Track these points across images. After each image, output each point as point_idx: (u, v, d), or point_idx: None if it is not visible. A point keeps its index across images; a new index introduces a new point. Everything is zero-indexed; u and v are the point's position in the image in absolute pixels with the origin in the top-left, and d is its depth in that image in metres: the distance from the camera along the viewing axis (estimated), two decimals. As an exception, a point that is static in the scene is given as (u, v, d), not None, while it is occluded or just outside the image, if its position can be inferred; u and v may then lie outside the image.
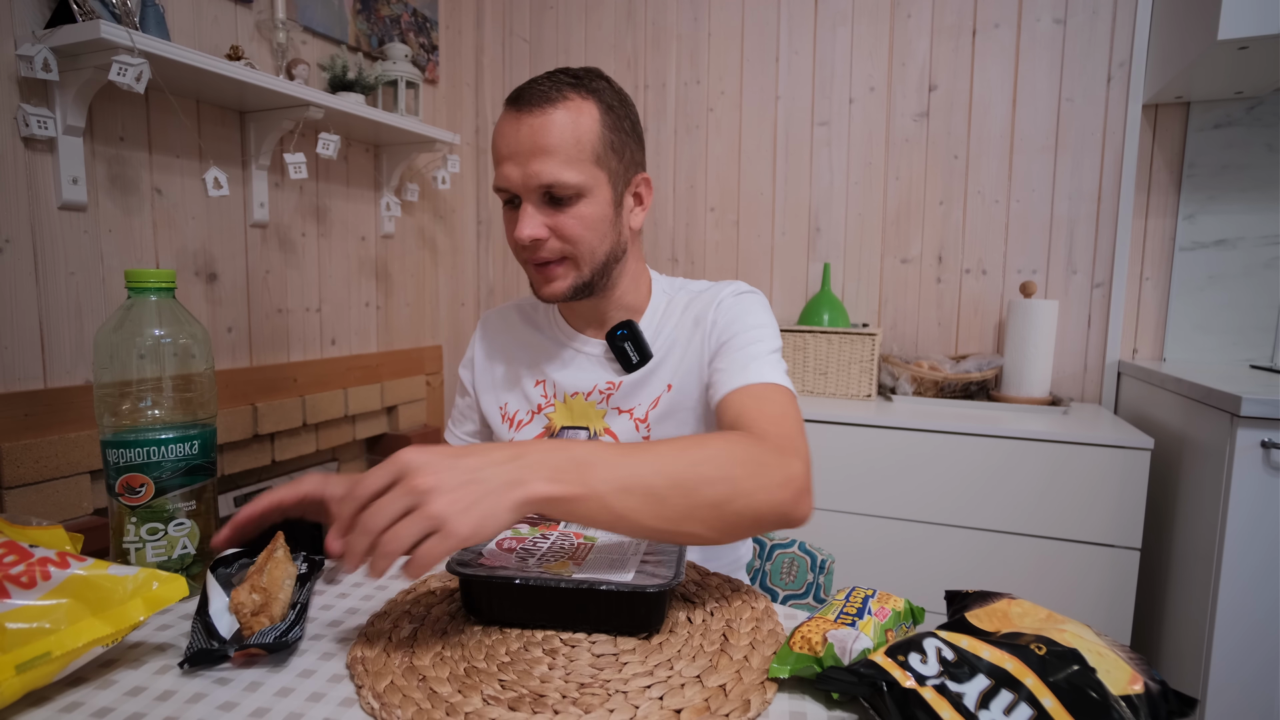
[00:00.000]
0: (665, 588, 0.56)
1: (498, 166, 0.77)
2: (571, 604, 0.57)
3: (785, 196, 1.96)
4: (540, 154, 0.74)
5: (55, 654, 0.47)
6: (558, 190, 0.75)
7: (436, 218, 2.17)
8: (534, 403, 0.88)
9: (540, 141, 0.74)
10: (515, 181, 0.76)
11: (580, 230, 0.77)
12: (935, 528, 1.45)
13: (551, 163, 0.74)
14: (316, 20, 1.66)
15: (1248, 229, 1.59)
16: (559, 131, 0.74)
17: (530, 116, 0.74)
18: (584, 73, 0.79)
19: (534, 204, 0.76)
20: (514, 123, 0.75)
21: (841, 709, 0.48)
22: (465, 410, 0.97)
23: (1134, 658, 0.45)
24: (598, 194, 0.77)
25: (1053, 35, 1.69)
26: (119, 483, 0.63)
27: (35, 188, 1.17)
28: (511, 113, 0.76)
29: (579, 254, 0.78)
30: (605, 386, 0.85)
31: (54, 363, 1.21)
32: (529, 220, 0.76)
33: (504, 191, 0.78)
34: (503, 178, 0.77)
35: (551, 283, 0.80)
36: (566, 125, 0.74)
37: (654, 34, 2.05)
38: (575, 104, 0.75)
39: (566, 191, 0.75)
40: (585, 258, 0.79)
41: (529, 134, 0.74)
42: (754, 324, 0.82)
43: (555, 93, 0.75)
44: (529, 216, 0.76)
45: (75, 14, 1.11)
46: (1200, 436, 1.25)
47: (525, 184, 0.75)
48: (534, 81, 0.76)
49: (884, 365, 1.77)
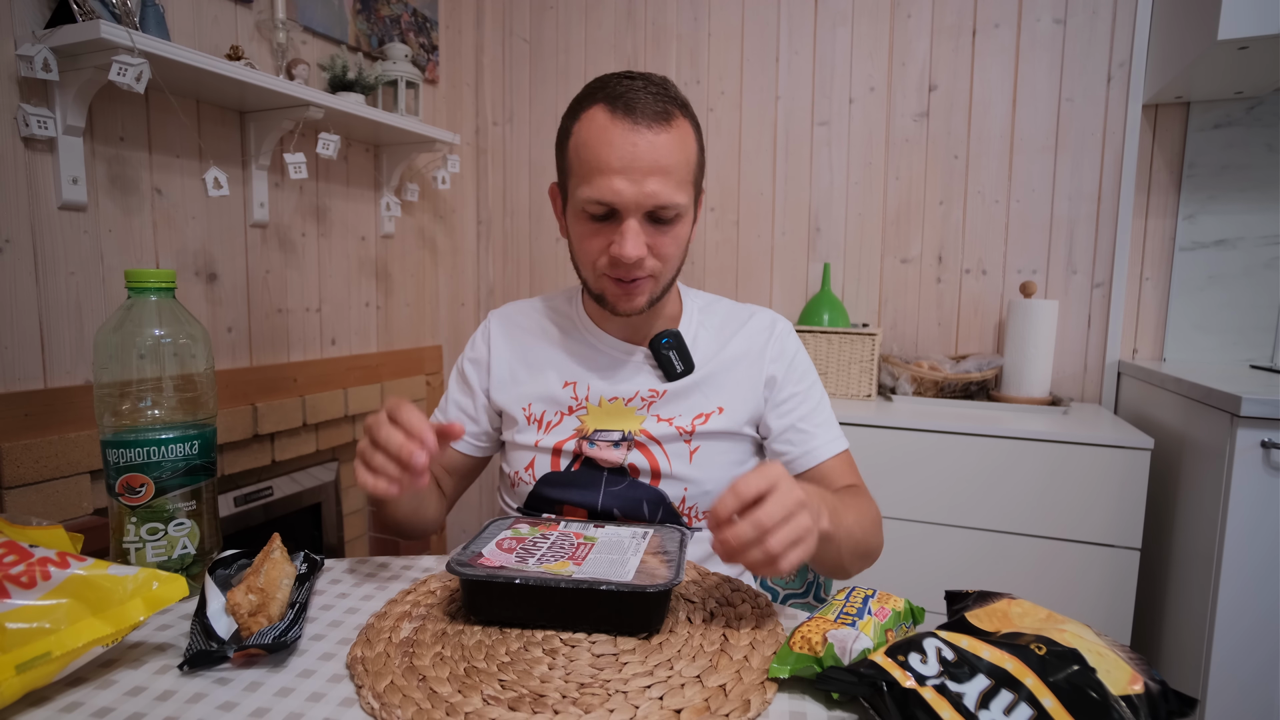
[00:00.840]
0: (665, 588, 0.56)
1: (599, 177, 0.72)
2: (572, 604, 0.57)
3: (785, 196, 1.96)
4: (659, 173, 0.72)
5: (55, 654, 0.47)
6: (666, 212, 0.74)
7: (436, 218, 2.17)
8: (564, 404, 0.86)
9: (661, 160, 0.72)
10: (627, 198, 0.72)
11: (675, 250, 0.78)
12: (935, 527, 1.45)
13: (668, 183, 0.73)
14: (316, 20, 1.66)
15: (1248, 229, 1.59)
16: (676, 152, 0.73)
17: (650, 132, 0.71)
18: (667, 83, 0.76)
19: (640, 222, 0.74)
20: (629, 134, 0.71)
21: (841, 709, 0.48)
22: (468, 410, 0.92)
23: (1134, 658, 0.45)
24: (689, 215, 0.79)
25: (1053, 35, 1.69)
26: (119, 483, 0.63)
27: (35, 188, 1.17)
28: (625, 123, 0.71)
29: (665, 272, 0.79)
30: (648, 394, 0.85)
31: (54, 363, 1.21)
32: (635, 239, 0.73)
33: (602, 205, 0.73)
34: (610, 191, 0.72)
35: (635, 298, 0.79)
36: (680, 145, 0.74)
37: (654, 34, 2.05)
38: (680, 122, 0.74)
39: (671, 214, 0.74)
40: (666, 276, 0.80)
41: (649, 151, 0.71)
42: (814, 379, 0.90)
43: (664, 107, 0.73)
44: (635, 235, 0.73)
45: (75, 14, 1.11)
46: (1200, 436, 1.25)
47: (639, 202, 0.72)
48: (635, 89, 0.73)
49: (884, 365, 1.77)
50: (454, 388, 0.94)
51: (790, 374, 0.87)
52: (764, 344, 0.87)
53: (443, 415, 0.94)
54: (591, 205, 0.74)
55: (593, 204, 0.74)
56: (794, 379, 0.87)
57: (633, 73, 0.76)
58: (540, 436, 0.85)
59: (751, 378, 0.86)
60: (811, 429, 0.85)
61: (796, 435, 0.85)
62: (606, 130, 0.72)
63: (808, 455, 0.84)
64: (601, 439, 0.83)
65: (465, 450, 0.93)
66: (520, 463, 0.87)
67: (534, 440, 0.85)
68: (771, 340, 0.88)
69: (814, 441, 0.85)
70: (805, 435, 0.85)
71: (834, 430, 0.87)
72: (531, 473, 0.85)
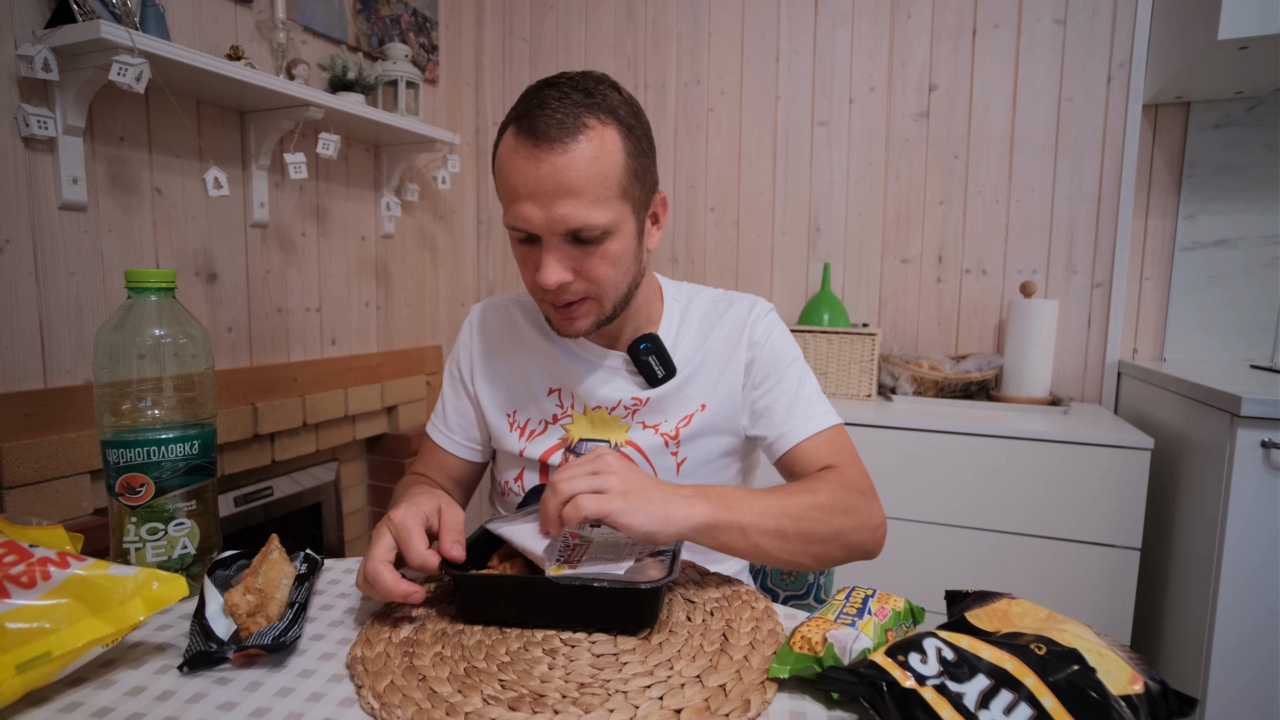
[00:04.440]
0: (658, 585, 0.56)
1: (512, 204, 0.70)
2: (566, 601, 0.57)
3: (785, 196, 1.96)
4: (565, 195, 0.67)
5: (55, 654, 0.47)
6: (585, 233, 0.69)
7: (436, 218, 2.17)
8: (548, 412, 0.85)
9: (565, 182, 0.67)
10: (537, 224, 0.69)
11: (607, 270, 0.73)
12: (935, 527, 1.45)
13: (579, 205, 0.67)
14: (316, 20, 1.66)
15: (1248, 229, 1.59)
16: (584, 169, 0.67)
17: (550, 154, 0.67)
18: (593, 86, 0.71)
19: (557, 246, 0.70)
20: (530, 160, 0.67)
21: (841, 709, 0.48)
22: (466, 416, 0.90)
23: (1134, 658, 0.45)
24: (624, 229, 0.72)
25: (1053, 35, 1.69)
26: (119, 483, 0.63)
27: (35, 188, 1.17)
28: (526, 146, 0.68)
29: (603, 293, 0.74)
30: (631, 402, 0.83)
31: (54, 363, 1.20)
32: (553, 267, 0.70)
33: (519, 231, 0.71)
34: (520, 218, 0.69)
35: (574, 322, 0.76)
36: (591, 161, 0.67)
37: (654, 34, 2.05)
38: (597, 133, 0.68)
39: (594, 233, 0.69)
40: (609, 295, 0.75)
41: (551, 173, 0.67)
42: (793, 356, 0.85)
43: (573, 120, 0.67)
44: (553, 263, 0.70)
45: (75, 14, 1.11)
46: (1200, 436, 1.25)
47: (549, 228, 0.69)
48: (544, 105, 0.68)
49: (884, 365, 1.77)
50: (448, 392, 0.92)
51: (764, 355, 0.83)
52: (740, 331, 0.84)
53: (441, 421, 0.92)
54: (512, 231, 0.72)
55: (512, 230, 0.72)
56: (768, 360, 0.83)
57: (561, 77, 0.71)
58: (525, 445, 0.84)
59: (731, 369, 0.83)
60: (786, 411, 0.81)
61: (771, 419, 0.82)
62: (513, 155, 0.69)
63: (782, 439, 0.81)
64: (587, 450, 0.82)
65: (466, 456, 0.91)
66: (509, 473, 0.86)
67: (519, 449, 0.84)
68: (747, 325, 0.84)
69: (789, 423, 0.81)
70: (781, 418, 0.82)
71: (814, 409, 0.82)
72: (521, 484, 0.85)
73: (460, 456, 0.91)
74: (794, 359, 0.85)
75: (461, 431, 0.91)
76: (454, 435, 0.91)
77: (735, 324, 0.85)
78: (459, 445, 0.91)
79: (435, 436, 0.92)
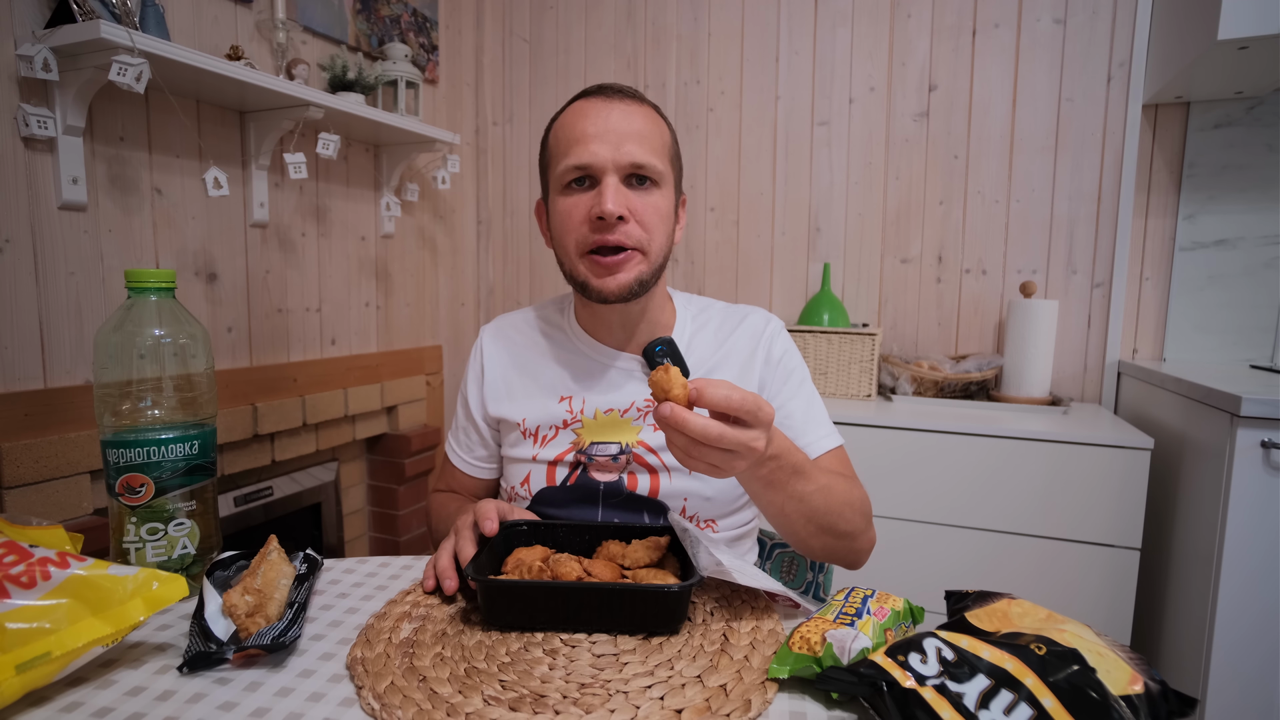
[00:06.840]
0: (687, 587, 0.56)
1: (578, 144, 0.76)
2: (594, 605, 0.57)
3: (785, 196, 1.96)
4: (633, 136, 0.76)
5: (55, 654, 0.47)
6: (645, 171, 0.77)
7: (436, 218, 2.17)
8: (559, 418, 0.86)
9: (634, 125, 0.77)
10: (603, 157, 0.75)
11: (655, 219, 0.79)
12: (935, 527, 1.45)
13: (643, 146, 0.77)
14: (316, 20, 1.66)
15: (1248, 229, 1.59)
16: (646, 122, 0.79)
17: (622, 103, 0.78)
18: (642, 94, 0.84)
19: (615, 185, 0.76)
20: (603, 106, 0.77)
21: (841, 709, 0.48)
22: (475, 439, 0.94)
23: (1134, 658, 0.45)
24: (667, 189, 0.81)
25: (1053, 35, 1.69)
26: (119, 483, 0.63)
27: (35, 188, 1.17)
28: (598, 100, 0.78)
29: (650, 245, 0.79)
30: (644, 404, 0.84)
31: (54, 363, 1.21)
32: (616, 193, 0.75)
33: (581, 169, 0.76)
34: (588, 154, 0.76)
35: (617, 273, 0.78)
36: (652, 120, 0.80)
37: (654, 34, 2.05)
38: (652, 110, 0.81)
39: (651, 174, 0.77)
40: (654, 251, 0.79)
41: (622, 117, 0.77)
42: (805, 376, 0.89)
43: (640, 97, 0.81)
44: (615, 189, 0.75)
45: (75, 14, 1.11)
46: (1200, 436, 1.25)
47: (616, 161, 0.76)
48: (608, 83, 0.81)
49: (884, 365, 1.77)
50: (461, 415, 0.96)
51: (778, 375, 0.87)
52: (757, 343, 0.88)
53: (455, 441, 0.96)
54: (570, 172, 0.77)
55: (571, 170, 0.77)
56: (780, 379, 0.87)
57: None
58: (537, 450, 0.85)
59: (746, 379, 0.86)
60: (801, 428, 0.84)
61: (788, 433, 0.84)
62: (583, 108, 0.79)
63: None
64: (599, 452, 0.83)
65: (482, 476, 0.95)
66: (516, 477, 0.87)
67: (531, 454, 0.85)
68: (761, 343, 0.88)
69: (804, 440, 0.84)
70: (796, 434, 0.84)
71: (823, 429, 0.86)
72: (527, 487, 0.85)
73: (476, 476, 0.96)
74: (805, 378, 0.89)
75: (471, 453, 0.95)
76: (467, 456, 0.95)
77: (752, 335, 0.88)
78: (472, 466, 0.95)
79: (452, 457, 0.97)
